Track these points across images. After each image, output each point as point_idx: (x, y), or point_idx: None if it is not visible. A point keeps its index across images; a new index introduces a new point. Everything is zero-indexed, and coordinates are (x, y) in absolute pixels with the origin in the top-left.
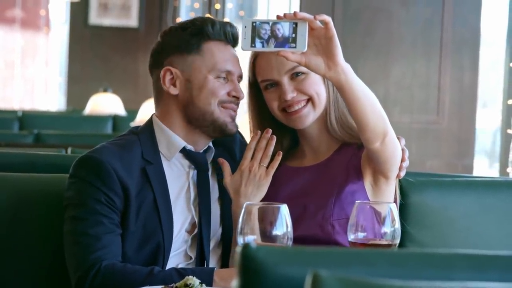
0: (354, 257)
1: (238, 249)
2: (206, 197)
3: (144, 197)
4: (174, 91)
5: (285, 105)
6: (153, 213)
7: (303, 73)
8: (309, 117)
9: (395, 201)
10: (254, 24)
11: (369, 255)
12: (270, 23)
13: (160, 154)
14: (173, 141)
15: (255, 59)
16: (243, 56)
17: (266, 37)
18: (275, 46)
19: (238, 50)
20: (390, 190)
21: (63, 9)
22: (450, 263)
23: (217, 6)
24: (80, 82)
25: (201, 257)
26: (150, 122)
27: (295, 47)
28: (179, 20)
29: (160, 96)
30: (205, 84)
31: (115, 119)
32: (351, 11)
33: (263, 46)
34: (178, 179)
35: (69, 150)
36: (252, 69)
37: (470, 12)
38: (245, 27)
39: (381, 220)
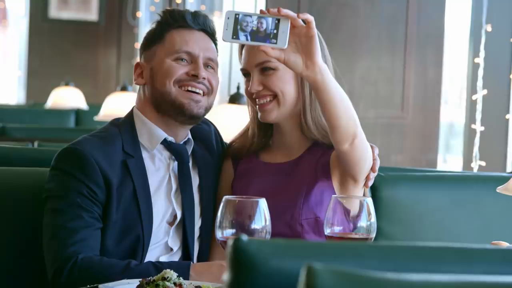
0: (346, 250)
1: (230, 242)
2: (188, 188)
3: (124, 190)
4: (140, 81)
5: (253, 96)
6: (133, 206)
7: (271, 69)
8: (272, 113)
9: None
10: (237, 16)
11: (361, 248)
12: (253, 17)
13: (141, 146)
14: (154, 133)
15: (243, 48)
16: (226, 45)
17: (248, 30)
18: (256, 41)
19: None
20: (358, 194)
21: (22, 2)
22: (440, 256)
23: (178, 0)
24: (39, 76)
25: (185, 248)
26: (130, 115)
27: (275, 43)
28: (139, 14)
29: (138, 90)
30: (162, 66)
31: (78, 113)
32: (317, 6)
33: (244, 39)
34: (159, 171)
35: (35, 143)
36: (240, 58)
37: (434, 8)
38: (228, 18)
39: (357, 214)
